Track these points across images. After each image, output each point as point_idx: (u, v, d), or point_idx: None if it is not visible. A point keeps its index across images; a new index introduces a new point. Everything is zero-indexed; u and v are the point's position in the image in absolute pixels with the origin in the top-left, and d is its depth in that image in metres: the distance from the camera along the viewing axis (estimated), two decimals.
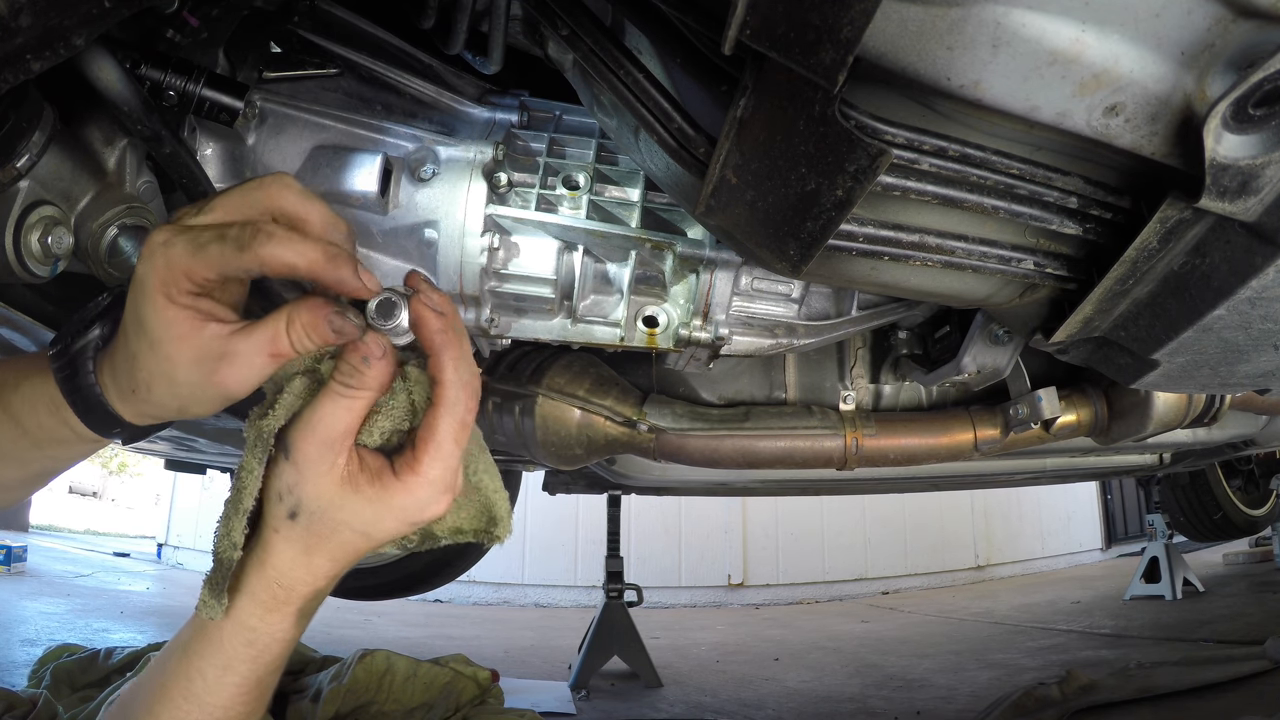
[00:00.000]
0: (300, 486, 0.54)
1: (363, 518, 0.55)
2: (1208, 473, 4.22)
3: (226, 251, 0.49)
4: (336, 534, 0.55)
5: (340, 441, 0.53)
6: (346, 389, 0.52)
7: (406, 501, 0.55)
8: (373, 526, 0.55)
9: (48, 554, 7.73)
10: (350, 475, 0.54)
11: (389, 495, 0.54)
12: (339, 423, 0.53)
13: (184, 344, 0.51)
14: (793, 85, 0.56)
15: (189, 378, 0.52)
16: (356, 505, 0.54)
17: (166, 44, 0.77)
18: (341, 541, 0.56)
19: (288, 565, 0.56)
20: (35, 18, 0.52)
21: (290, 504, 0.54)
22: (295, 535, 0.55)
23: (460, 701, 2.05)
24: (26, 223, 0.71)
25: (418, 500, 0.55)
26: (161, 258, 0.50)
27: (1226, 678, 2.36)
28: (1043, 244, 0.73)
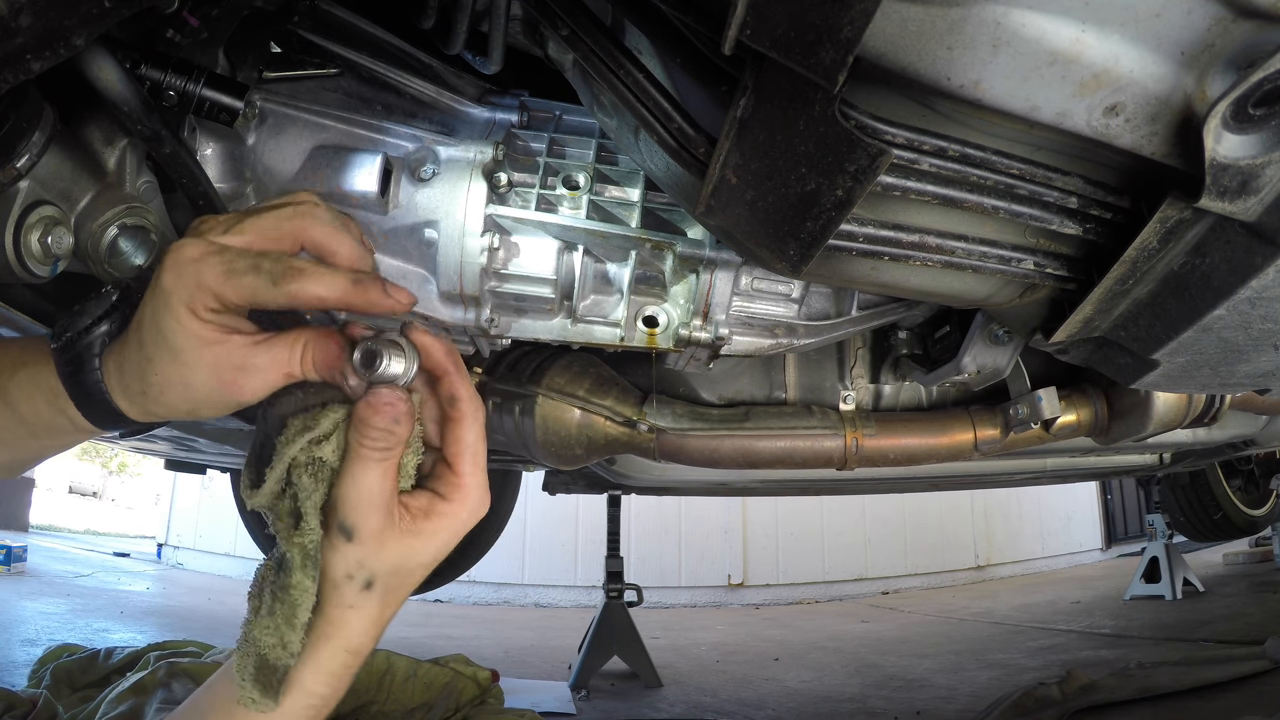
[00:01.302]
0: (372, 560, 0.55)
1: (430, 553, 0.57)
2: (1208, 473, 4.22)
3: (260, 284, 0.51)
4: (409, 581, 0.57)
5: (393, 502, 0.54)
6: (383, 453, 0.52)
7: (464, 515, 0.57)
8: (440, 554, 0.57)
9: (48, 554, 7.73)
10: (409, 525, 0.55)
11: (448, 521, 0.56)
12: (387, 487, 0.54)
13: (206, 353, 0.52)
14: (793, 85, 0.56)
15: (205, 384, 0.53)
16: (422, 547, 0.56)
17: (166, 44, 0.77)
18: (412, 584, 0.58)
19: (362, 633, 0.57)
20: (35, 18, 0.52)
21: (363, 579, 0.55)
22: (371, 603, 0.56)
23: (460, 701, 2.05)
24: (26, 223, 0.71)
25: (471, 510, 0.57)
26: (193, 276, 0.51)
27: (1226, 678, 2.36)
28: (1043, 244, 0.73)
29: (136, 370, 0.55)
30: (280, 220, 0.54)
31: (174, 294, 0.51)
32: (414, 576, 0.57)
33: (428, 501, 0.57)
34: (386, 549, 0.55)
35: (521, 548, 6.91)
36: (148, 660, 2.09)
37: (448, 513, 0.56)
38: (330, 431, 0.54)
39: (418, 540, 0.56)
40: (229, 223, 0.54)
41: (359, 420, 0.52)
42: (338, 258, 0.55)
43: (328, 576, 0.55)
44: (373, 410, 0.51)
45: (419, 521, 0.56)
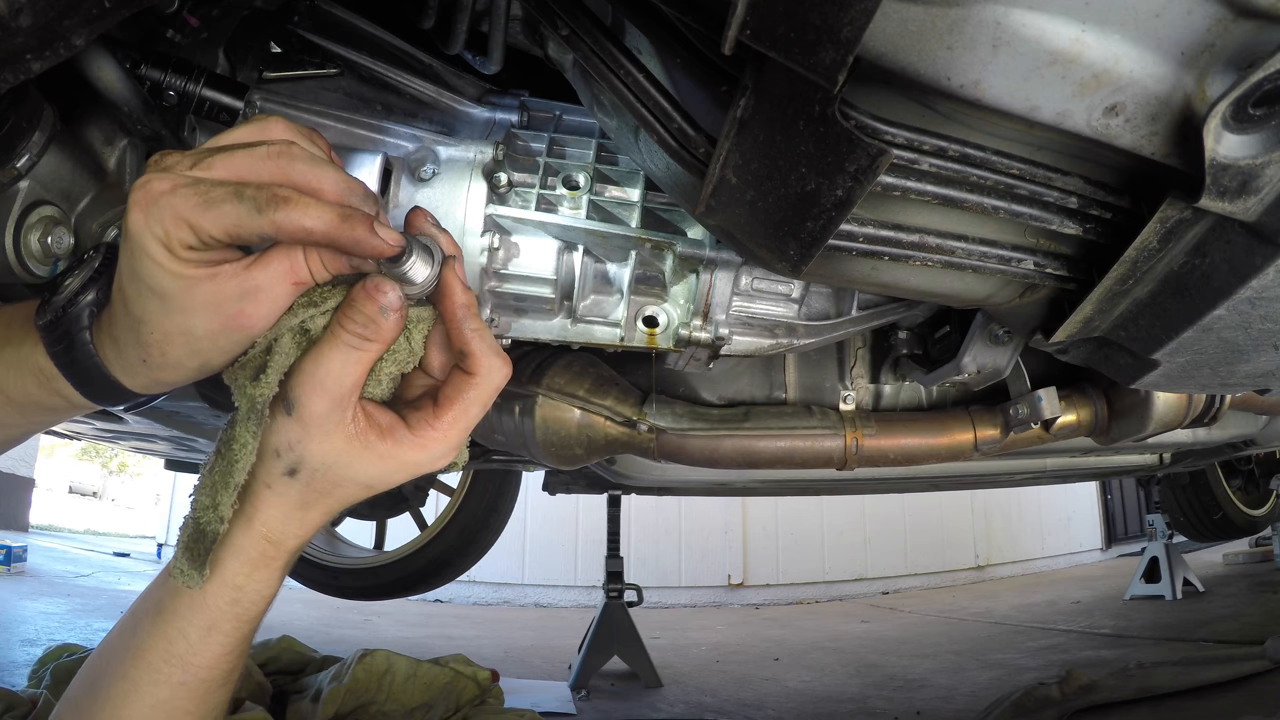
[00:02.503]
0: (304, 444, 0.51)
1: (370, 473, 0.53)
2: (1208, 473, 4.21)
3: (242, 213, 0.45)
4: (338, 489, 0.54)
5: (350, 396, 0.51)
6: (359, 340, 0.49)
7: (419, 457, 0.54)
8: (379, 480, 0.54)
9: (48, 554, 7.73)
10: (360, 432, 0.52)
11: (402, 451, 0.53)
12: (348, 376, 0.50)
13: (197, 292, 0.47)
14: (793, 85, 0.56)
15: (209, 326, 0.49)
16: (366, 461, 0.52)
17: (166, 44, 0.77)
18: (342, 495, 0.54)
19: (279, 521, 0.54)
20: (35, 18, 0.52)
21: (290, 461, 0.52)
22: (292, 492, 0.53)
23: (460, 701, 2.05)
24: (26, 222, 0.71)
25: (430, 455, 0.54)
26: (165, 209, 0.45)
27: (1226, 678, 2.36)
28: (1043, 244, 0.73)
29: (131, 335, 0.50)
30: (256, 161, 0.48)
31: (146, 234, 0.45)
32: (342, 488, 0.54)
33: (392, 423, 0.54)
34: (323, 440, 0.51)
35: (521, 548, 6.91)
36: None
37: (405, 444, 0.53)
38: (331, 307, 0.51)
39: (362, 451, 0.52)
40: (196, 157, 0.48)
41: (348, 301, 0.49)
42: (323, 193, 0.49)
43: (260, 448, 0.52)
44: (365, 294, 0.49)
45: (372, 435, 0.52)
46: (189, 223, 0.45)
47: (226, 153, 0.49)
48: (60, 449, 21.68)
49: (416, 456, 0.54)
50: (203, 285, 0.47)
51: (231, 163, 0.48)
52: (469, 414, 0.54)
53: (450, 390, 0.54)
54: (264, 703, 1.87)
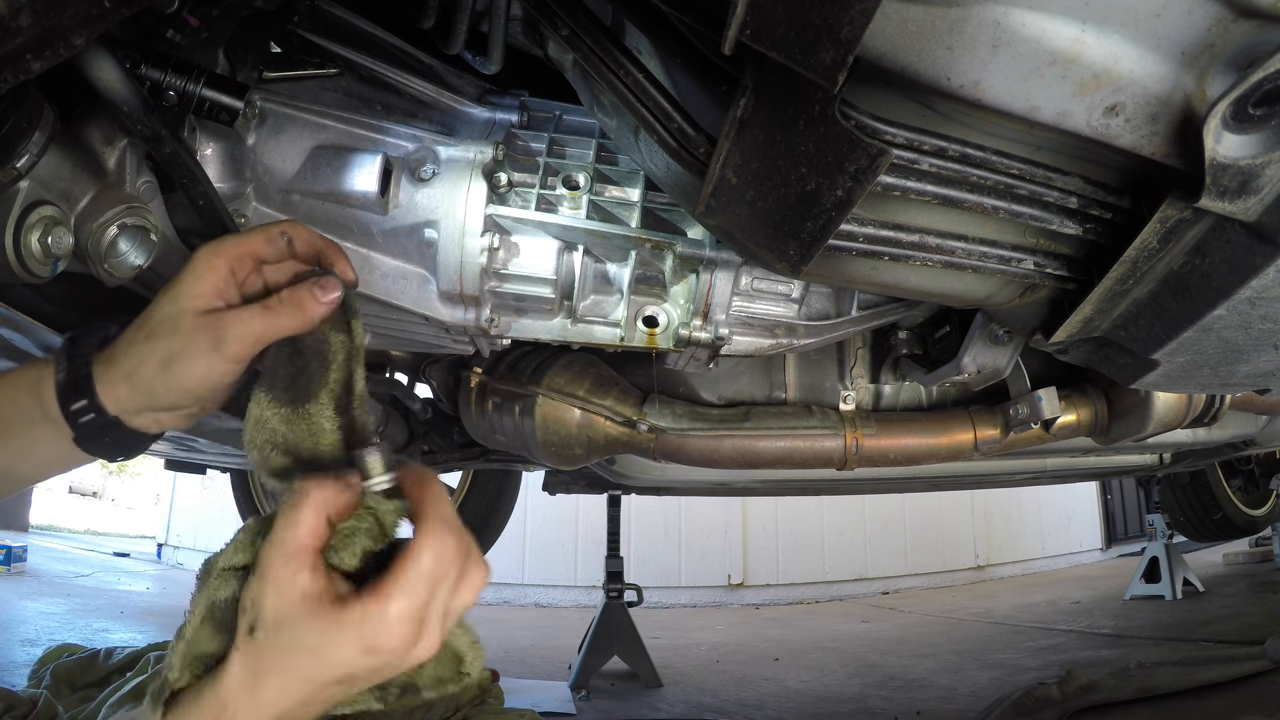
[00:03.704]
0: (262, 599, 0.53)
1: (315, 638, 0.52)
2: (1208, 473, 4.21)
3: (271, 228, 0.66)
4: (291, 655, 0.52)
5: (301, 554, 0.53)
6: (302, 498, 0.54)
7: (363, 628, 0.52)
8: (325, 650, 0.52)
9: (48, 554, 7.73)
10: (315, 595, 0.52)
11: (344, 616, 0.52)
12: (292, 537, 0.53)
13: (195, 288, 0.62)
14: (793, 85, 0.56)
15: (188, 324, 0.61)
16: (312, 624, 0.52)
17: (166, 44, 0.77)
18: (293, 666, 0.52)
19: (235, 686, 0.53)
20: (35, 18, 0.52)
21: (251, 618, 0.53)
22: (250, 653, 0.53)
23: (460, 701, 2.04)
24: (26, 223, 0.71)
25: (373, 629, 0.52)
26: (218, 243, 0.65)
27: (1226, 678, 2.35)
28: (1043, 244, 0.73)
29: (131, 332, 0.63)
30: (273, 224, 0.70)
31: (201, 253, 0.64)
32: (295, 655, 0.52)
33: (345, 592, 0.54)
34: (278, 596, 0.52)
35: (521, 548, 6.91)
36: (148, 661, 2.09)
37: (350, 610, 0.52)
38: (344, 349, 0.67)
39: (313, 614, 0.52)
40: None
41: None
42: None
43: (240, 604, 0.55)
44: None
45: (326, 599, 0.52)
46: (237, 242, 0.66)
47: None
48: None
49: (359, 626, 0.52)
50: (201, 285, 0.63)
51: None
52: (414, 587, 0.53)
53: (398, 562, 0.54)
54: None
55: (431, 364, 1.58)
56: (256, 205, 0.95)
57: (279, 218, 0.95)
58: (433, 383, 1.60)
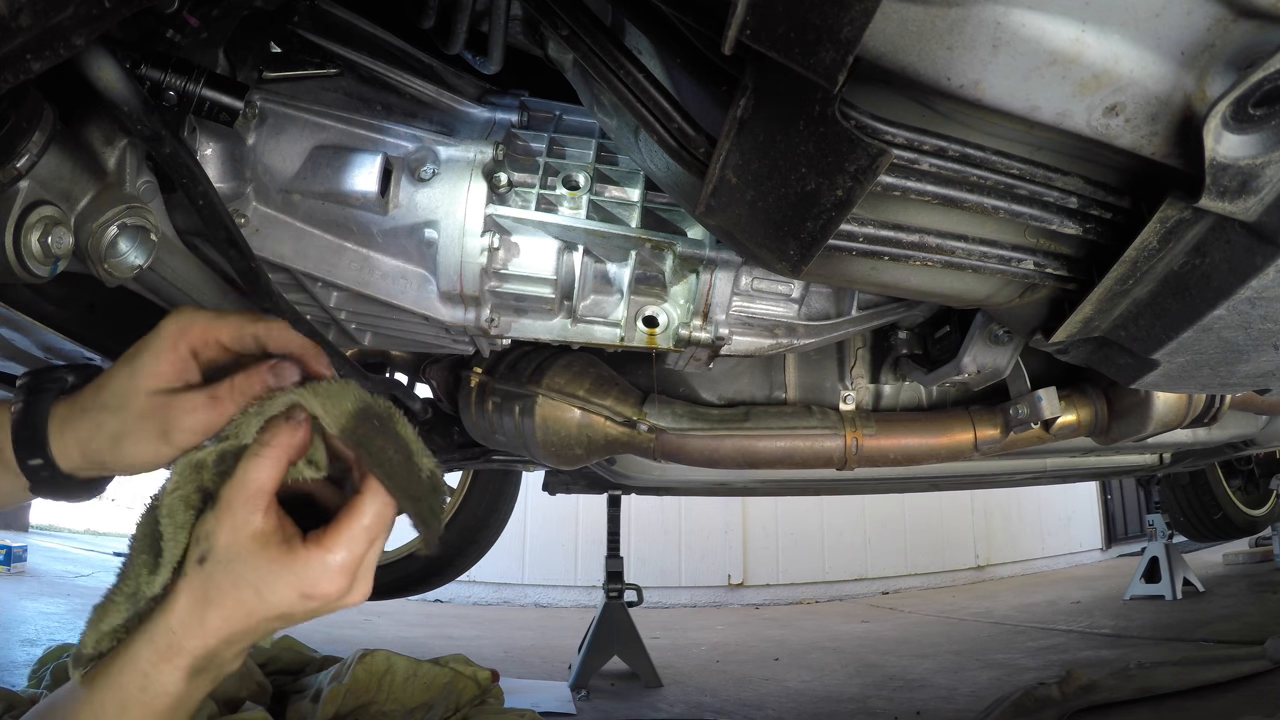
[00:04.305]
0: (216, 533, 0.57)
1: (259, 576, 0.56)
2: (1208, 473, 4.21)
3: (244, 321, 0.65)
4: (235, 589, 0.57)
5: (256, 495, 0.57)
6: (261, 446, 0.58)
7: (304, 574, 0.57)
8: (267, 588, 0.56)
9: (48, 554, 7.72)
10: (264, 534, 0.57)
11: (289, 559, 0.57)
12: (256, 477, 0.57)
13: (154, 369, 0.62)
14: (793, 85, 0.56)
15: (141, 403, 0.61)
16: (258, 562, 0.56)
17: (166, 44, 0.77)
18: (238, 599, 0.57)
19: (183, 613, 0.57)
20: (35, 18, 0.52)
21: (203, 549, 0.57)
22: (198, 582, 0.57)
23: (460, 701, 2.05)
24: (26, 223, 0.70)
25: (314, 575, 0.57)
26: (189, 315, 0.64)
27: (1226, 678, 2.36)
28: (1043, 244, 0.73)
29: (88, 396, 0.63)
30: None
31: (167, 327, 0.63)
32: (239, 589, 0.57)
33: (292, 534, 0.58)
34: (231, 532, 0.56)
35: (521, 548, 6.91)
36: None
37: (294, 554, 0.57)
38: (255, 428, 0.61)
39: (260, 551, 0.56)
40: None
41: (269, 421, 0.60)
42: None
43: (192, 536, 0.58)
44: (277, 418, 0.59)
45: (274, 539, 0.57)
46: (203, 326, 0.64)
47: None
48: None
49: (300, 570, 0.57)
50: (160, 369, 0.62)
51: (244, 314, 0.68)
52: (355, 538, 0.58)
53: (344, 512, 0.59)
54: (264, 703, 1.87)
55: (431, 364, 1.58)
56: (256, 205, 0.95)
57: (279, 217, 0.95)
58: (433, 383, 1.60)
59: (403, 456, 0.60)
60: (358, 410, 0.59)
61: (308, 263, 0.96)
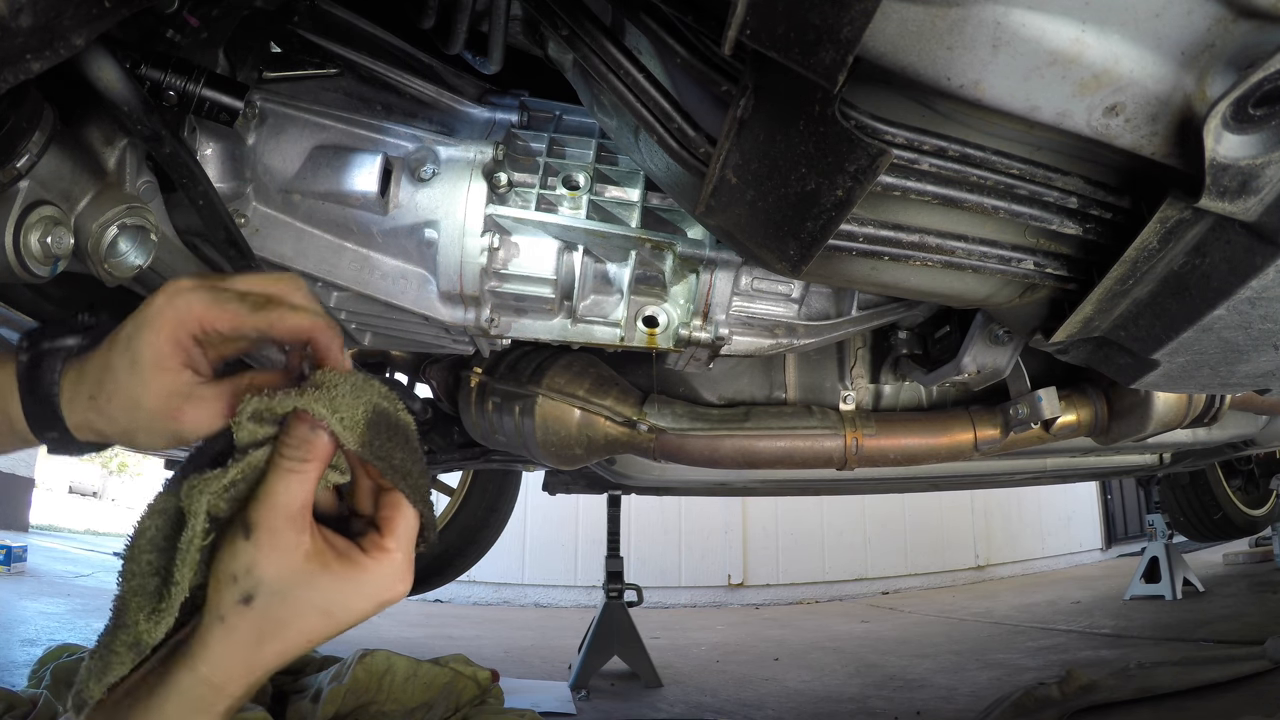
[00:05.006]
0: (261, 566, 0.51)
1: (330, 597, 0.53)
2: (1208, 473, 4.21)
3: (243, 312, 0.56)
4: (299, 618, 0.53)
5: (302, 515, 0.53)
6: (297, 461, 0.53)
7: (377, 580, 0.55)
8: (339, 606, 0.54)
9: (48, 554, 7.73)
10: (319, 553, 0.53)
11: (360, 573, 0.54)
12: (296, 496, 0.52)
13: (161, 375, 0.55)
14: (793, 85, 0.56)
15: (151, 405, 0.56)
16: (325, 583, 0.53)
17: (166, 44, 0.77)
18: (302, 627, 0.53)
19: (225, 660, 0.52)
20: (35, 18, 0.52)
21: (247, 586, 0.51)
22: (247, 623, 0.52)
23: (460, 701, 2.05)
24: (26, 223, 0.71)
25: (387, 578, 0.55)
26: (184, 300, 0.55)
27: (1226, 678, 2.35)
28: (1043, 244, 0.73)
29: (95, 376, 0.57)
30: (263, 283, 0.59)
31: (162, 314, 0.55)
32: (302, 617, 0.52)
33: (347, 547, 0.55)
34: (280, 560, 0.52)
35: (521, 548, 6.91)
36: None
37: (362, 566, 0.54)
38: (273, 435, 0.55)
39: (321, 571, 0.53)
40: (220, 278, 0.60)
41: (284, 428, 0.54)
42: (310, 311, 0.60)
43: (215, 574, 0.52)
44: (297, 419, 0.53)
45: (330, 555, 0.54)
46: (199, 314, 0.55)
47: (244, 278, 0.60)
48: None
49: (374, 579, 0.54)
50: (168, 375, 0.56)
51: (245, 282, 0.59)
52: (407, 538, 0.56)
53: (386, 512, 0.57)
54: (264, 703, 1.87)
55: (431, 364, 1.58)
56: (256, 205, 0.95)
57: (279, 217, 0.95)
58: (433, 383, 1.60)
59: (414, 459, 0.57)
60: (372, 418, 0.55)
61: (308, 263, 0.96)
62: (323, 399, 0.53)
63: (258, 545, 0.52)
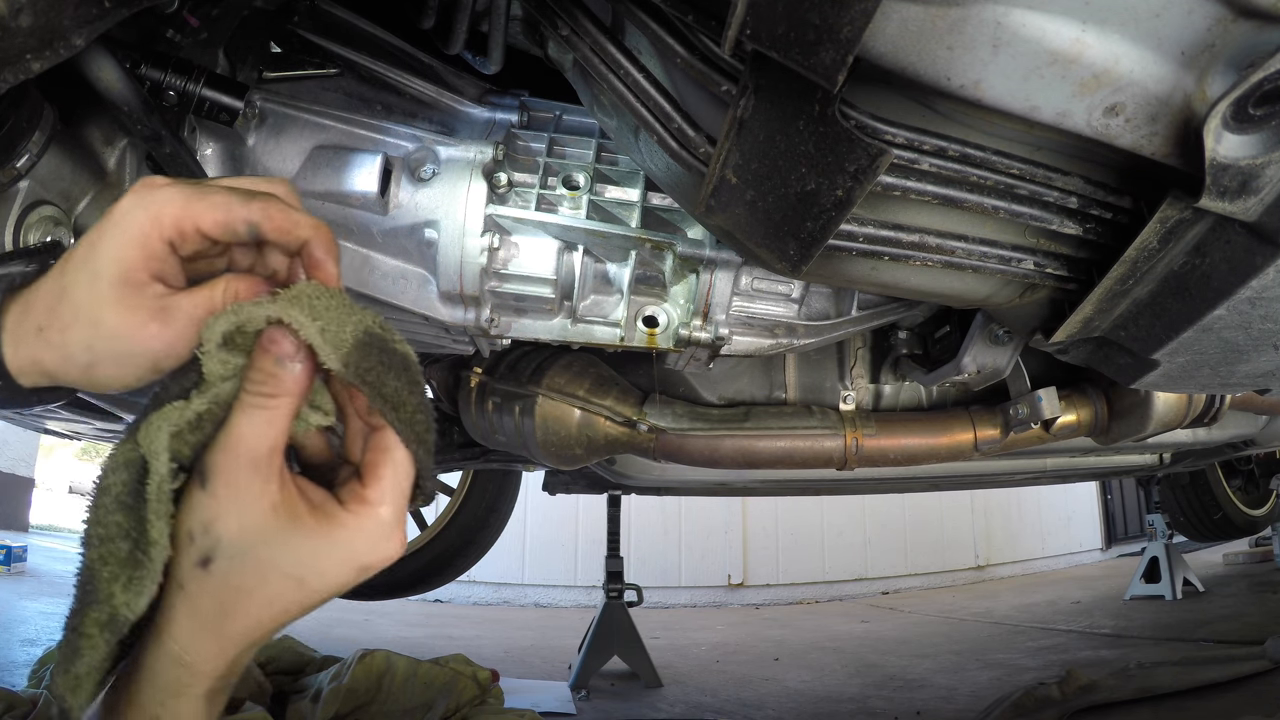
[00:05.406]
0: (221, 520, 0.43)
1: (300, 558, 0.44)
2: (1208, 473, 4.21)
3: (233, 200, 0.46)
4: (264, 585, 0.44)
5: (268, 461, 0.44)
6: (263, 398, 0.44)
7: (357, 538, 0.45)
8: (313, 571, 0.45)
9: (48, 554, 7.73)
10: (287, 503, 0.45)
11: (335, 529, 0.45)
12: (262, 438, 0.44)
13: (127, 291, 0.45)
14: (793, 85, 0.56)
15: (115, 326, 0.45)
16: (295, 541, 0.44)
17: (166, 44, 0.77)
18: (269, 595, 0.44)
19: (187, 636, 0.44)
20: (35, 18, 0.52)
21: (204, 547, 0.43)
22: (208, 591, 0.44)
23: (460, 701, 2.05)
24: (26, 222, 0.71)
25: (369, 537, 0.46)
26: (159, 197, 0.45)
27: (1226, 678, 2.35)
28: (1043, 244, 0.73)
29: (45, 303, 0.47)
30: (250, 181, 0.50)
31: (131, 215, 0.45)
32: (268, 583, 0.44)
33: (324, 499, 0.47)
34: (242, 514, 0.43)
35: (521, 548, 6.91)
36: None
37: (339, 521, 0.45)
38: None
39: (290, 526, 0.44)
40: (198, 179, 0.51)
41: (249, 360, 0.45)
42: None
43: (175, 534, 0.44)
44: (260, 347, 0.45)
45: (302, 508, 0.45)
46: (176, 213, 0.45)
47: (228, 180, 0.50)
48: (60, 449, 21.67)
49: (352, 537, 0.45)
50: (132, 285, 0.46)
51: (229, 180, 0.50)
52: (398, 490, 0.47)
53: (372, 455, 0.47)
54: (264, 703, 1.87)
55: (431, 364, 1.58)
56: None
57: None
58: (433, 383, 1.60)
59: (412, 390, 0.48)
60: (362, 338, 0.46)
61: None
62: (302, 306, 0.44)
63: (214, 496, 0.44)
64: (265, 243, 0.48)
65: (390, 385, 0.46)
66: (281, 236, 0.47)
